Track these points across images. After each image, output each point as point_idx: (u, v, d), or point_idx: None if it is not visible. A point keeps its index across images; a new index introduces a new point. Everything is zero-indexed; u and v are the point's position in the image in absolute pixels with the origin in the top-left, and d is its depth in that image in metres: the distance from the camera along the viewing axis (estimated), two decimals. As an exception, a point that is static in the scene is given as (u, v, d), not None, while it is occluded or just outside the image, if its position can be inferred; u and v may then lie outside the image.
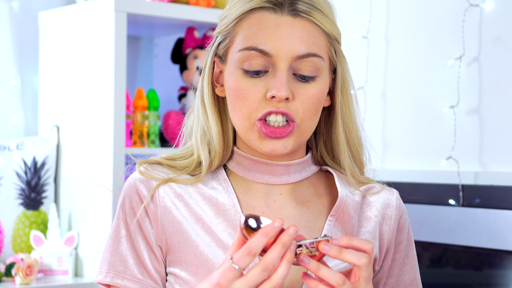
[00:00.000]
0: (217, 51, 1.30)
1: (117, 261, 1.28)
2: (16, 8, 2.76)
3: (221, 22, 1.30)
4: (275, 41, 1.22)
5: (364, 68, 2.44)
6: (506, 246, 1.98)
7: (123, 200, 1.31)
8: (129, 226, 1.29)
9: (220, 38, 1.30)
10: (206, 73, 1.31)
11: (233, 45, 1.26)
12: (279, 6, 1.23)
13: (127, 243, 1.29)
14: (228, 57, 1.28)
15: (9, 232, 2.53)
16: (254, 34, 1.23)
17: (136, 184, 1.30)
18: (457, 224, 2.08)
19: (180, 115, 2.72)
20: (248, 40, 1.24)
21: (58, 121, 2.65)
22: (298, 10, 1.23)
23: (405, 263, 1.37)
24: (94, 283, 2.44)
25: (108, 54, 2.45)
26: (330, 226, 1.31)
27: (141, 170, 1.31)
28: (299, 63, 1.23)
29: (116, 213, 1.31)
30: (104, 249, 1.31)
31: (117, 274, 1.28)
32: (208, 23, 2.70)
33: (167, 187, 1.30)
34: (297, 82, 1.24)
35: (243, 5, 1.26)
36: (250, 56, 1.23)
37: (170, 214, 1.29)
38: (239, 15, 1.26)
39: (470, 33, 2.19)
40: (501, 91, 2.14)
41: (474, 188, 2.09)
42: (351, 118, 1.33)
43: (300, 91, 1.23)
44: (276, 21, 1.23)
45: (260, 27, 1.23)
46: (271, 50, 1.22)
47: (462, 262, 2.15)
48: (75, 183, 2.57)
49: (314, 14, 1.24)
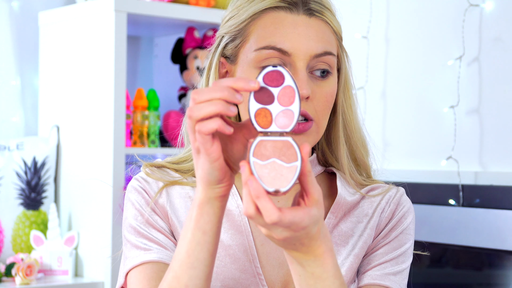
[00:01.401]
0: (224, 51, 1.29)
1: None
2: (16, 8, 2.76)
3: (227, 23, 1.29)
4: (294, 40, 1.22)
5: (364, 68, 2.44)
6: (506, 246, 1.98)
7: (133, 200, 1.30)
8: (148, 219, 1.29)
9: (227, 38, 1.28)
10: (212, 74, 1.29)
11: (246, 45, 1.25)
12: (295, 6, 1.23)
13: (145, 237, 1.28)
14: (240, 57, 1.27)
15: (9, 232, 2.53)
16: (272, 33, 1.23)
17: (143, 184, 1.30)
18: (457, 224, 2.08)
19: (180, 115, 2.72)
20: (265, 39, 1.23)
21: (58, 121, 2.66)
22: (312, 9, 1.23)
23: (389, 261, 1.32)
24: (94, 283, 2.44)
25: (108, 54, 2.45)
26: (329, 224, 1.31)
27: (148, 172, 1.31)
28: (315, 61, 1.23)
29: (128, 214, 1.30)
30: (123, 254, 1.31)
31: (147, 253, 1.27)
32: (208, 23, 2.70)
33: (173, 189, 1.31)
34: (313, 80, 1.24)
35: (255, 5, 1.25)
36: (268, 55, 1.22)
37: (176, 213, 1.29)
38: (252, 15, 1.25)
39: (470, 33, 2.19)
40: (501, 91, 2.14)
41: (474, 188, 2.09)
42: (353, 118, 1.33)
43: (315, 90, 1.23)
44: (293, 20, 1.23)
45: (277, 26, 1.23)
46: (290, 49, 1.21)
47: (462, 262, 2.15)
48: (75, 183, 2.57)
49: (326, 13, 1.25)
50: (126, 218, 1.30)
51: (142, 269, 1.25)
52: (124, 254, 1.30)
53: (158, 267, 1.25)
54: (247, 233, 1.28)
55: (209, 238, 1.10)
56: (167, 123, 2.68)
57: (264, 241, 1.29)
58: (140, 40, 3.03)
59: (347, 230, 1.32)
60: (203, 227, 1.09)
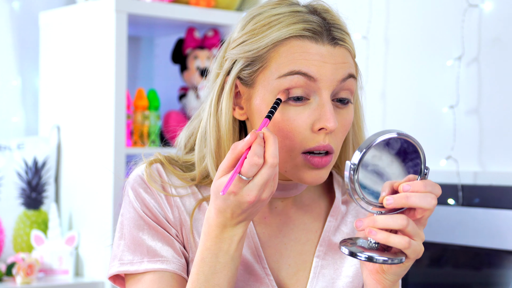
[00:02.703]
0: (239, 74, 1.25)
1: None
2: (16, 8, 2.76)
3: (241, 47, 1.24)
4: (319, 68, 1.20)
5: (364, 68, 2.44)
6: (506, 246, 1.98)
7: (139, 204, 1.29)
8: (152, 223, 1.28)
9: (243, 62, 1.24)
10: (225, 96, 1.25)
11: (266, 71, 1.22)
12: (319, 35, 1.21)
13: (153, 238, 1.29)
14: (259, 82, 1.23)
15: (10, 232, 2.54)
16: (296, 59, 1.20)
17: (148, 188, 1.30)
18: (456, 223, 2.08)
19: (180, 115, 2.72)
20: (288, 66, 1.20)
21: (58, 121, 2.66)
22: (336, 38, 1.22)
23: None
24: (94, 282, 2.45)
25: (109, 54, 2.45)
26: (331, 227, 1.33)
27: (152, 184, 1.29)
28: (339, 88, 1.22)
29: (133, 214, 1.29)
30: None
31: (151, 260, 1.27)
32: (208, 24, 2.71)
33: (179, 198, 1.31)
34: (335, 109, 1.23)
35: (277, 31, 1.22)
36: (292, 81, 1.20)
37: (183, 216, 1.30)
38: (274, 42, 1.22)
39: (469, 34, 2.19)
40: (500, 91, 2.14)
41: (474, 188, 2.10)
42: (360, 133, 1.33)
43: (337, 119, 1.22)
44: (319, 50, 1.20)
45: (303, 53, 1.20)
46: (316, 74, 1.19)
47: (461, 262, 2.16)
48: (76, 183, 2.58)
49: (347, 40, 1.24)
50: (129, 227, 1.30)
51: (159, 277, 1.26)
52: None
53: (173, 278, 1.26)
54: (252, 235, 1.29)
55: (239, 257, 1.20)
56: (168, 123, 2.68)
57: (270, 242, 1.30)
58: (140, 40, 3.04)
59: (349, 232, 1.34)
60: (240, 256, 1.19)
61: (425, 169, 1.13)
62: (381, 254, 1.10)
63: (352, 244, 1.13)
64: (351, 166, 1.10)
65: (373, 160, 1.11)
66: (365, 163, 1.10)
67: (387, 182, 1.12)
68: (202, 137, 1.29)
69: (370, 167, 1.11)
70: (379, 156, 1.11)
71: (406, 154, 1.13)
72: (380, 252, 1.11)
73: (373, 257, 1.10)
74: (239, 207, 1.13)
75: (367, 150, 1.10)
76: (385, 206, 1.10)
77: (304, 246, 1.31)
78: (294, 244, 1.31)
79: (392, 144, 1.11)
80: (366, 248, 1.12)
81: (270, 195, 1.15)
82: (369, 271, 1.17)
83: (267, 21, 1.23)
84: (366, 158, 1.10)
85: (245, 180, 1.12)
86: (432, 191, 1.11)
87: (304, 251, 1.31)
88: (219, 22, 2.69)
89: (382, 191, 1.12)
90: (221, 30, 2.77)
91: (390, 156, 1.12)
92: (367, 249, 1.12)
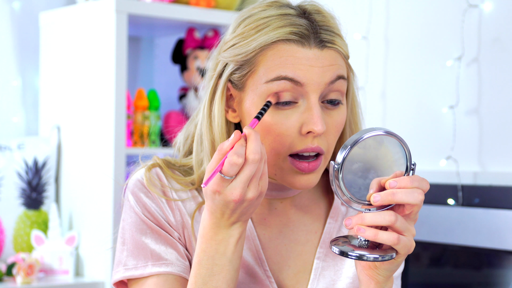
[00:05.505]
0: (230, 77, 1.25)
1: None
2: (17, 8, 2.76)
3: (232, 50, 1.24)
4: (306, 72, 1.19)
5: (364, 68, 2.44)
6: (505, 246, 1.98)
7: (141, 207, 1.29)
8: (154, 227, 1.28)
9: (233, 66, 1.24)
10: (217, 99, 1.25)
11: (254, 75, 1.22)
12: (306, 39, 1.20)
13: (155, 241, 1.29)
14: (248, 86, 1.23)
15: (10, 232, 2.54)
16: (283, 64, 1.20)
17: (150, 193, 1.30)
18: (456, 224, 2.09)
19: (180, 115, 2.72)
20: (275, 70, 1.20)
21: (59, 121, 2.66)
22: (324, 40, 1.21)
23: None
24: (94, 282, 2.45)
25: (109, 54, 2.46)
26: (331, 229, 1.33)
27: (153, 188, 1.29)
28: (328, 89, 1.21)
29: (133, 217, 1.29)
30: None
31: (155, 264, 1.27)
32: (208, 24, 2.71)
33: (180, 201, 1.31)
34: (324, 110, 1.22)
35: (265, 34, 1.21)
36: (279, 86, 1.19)
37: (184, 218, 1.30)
38: (261, 46, 1.21)
39: (469, 34, 2.19)
40: (500, 91, 2.15)
41: (473, 188, 2.10)
42: (357, 127, 1.33)
43: (327, 121, 1.22)
44: (305, 54, 1.20)
45: (289, 58, 1.20)
46: (303, 79, 1.19)
47: (461, 262, 2.16)
48: (76, 183, 2.58)
49: (337, 41, 1.22)
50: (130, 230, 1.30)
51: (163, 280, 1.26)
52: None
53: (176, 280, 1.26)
54: (253, 237, 1.29)
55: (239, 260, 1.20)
56: (168, 124, 2.68)
57: (271, 244, 1.31)
58: (140, 40, 3.04)
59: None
60: (239, 258, 1.18)
61: (411, 165, 1.13)
62: (372, 252, 1.10)
63: (343, 243, 1.13)
64: (335, 166, 1.10)
65: (359, 158, 1.11)
66: (351, 161, 1.10)
67: (375, 179, 1.12)
68: (198, 140, 1.29)
69: (356, 165, 1.11)
70: (364, 154, 1.11)
71: (391, 150, 1.13)
72: (371, 250, 1.11)
73: (364, 255, 1.10)
74: (227, 207, 1.13)
75: (350, 149, 1.10)
76: (372, 204, 1.10)
77: (304, 247, 1.32)
78: (294, 245, 1.31)
79: (377, 141, 1.11)
80: (356, 246, 1.12)
81: (258, 195, 1.14)
82: (362, 267, 1.17)
83: (255, 24, 1.22)
84: (351, 157, 1.10)
85: (228, 179, 1.12)
86: (419, 186, 1.11)
87: (304, 252, 1.31)
88: (219, 22, 2.69)
89: (370, 189, 1.12)
90: (221, 31, 2.77)
91: (376, 154, 1.12)
92: (358, 247, 1.12)
